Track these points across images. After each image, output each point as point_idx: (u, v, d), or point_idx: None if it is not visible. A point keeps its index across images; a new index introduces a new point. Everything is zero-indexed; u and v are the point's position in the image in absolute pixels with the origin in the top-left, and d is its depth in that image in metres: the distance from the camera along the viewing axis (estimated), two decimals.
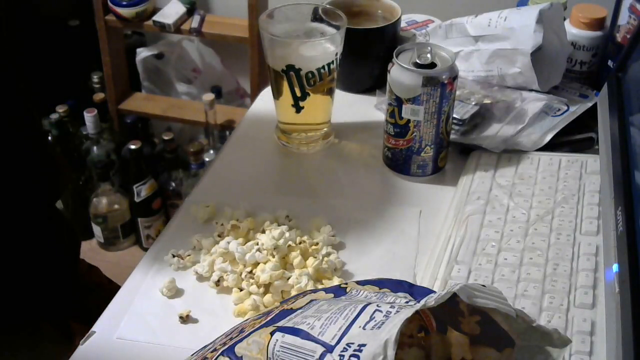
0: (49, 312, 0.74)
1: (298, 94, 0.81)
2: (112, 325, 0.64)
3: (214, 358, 0.47)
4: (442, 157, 0.80)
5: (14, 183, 0.65)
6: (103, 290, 0.88)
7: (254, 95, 1.87)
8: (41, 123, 1.67)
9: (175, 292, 0.68)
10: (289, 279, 0.65)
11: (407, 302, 0.46)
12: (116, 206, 1.85)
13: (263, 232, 0.71)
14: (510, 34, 0.83)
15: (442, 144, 0.79)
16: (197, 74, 2.03)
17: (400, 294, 0.49)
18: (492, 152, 0.81)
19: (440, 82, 0.73)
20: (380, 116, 0.87)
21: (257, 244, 0.67)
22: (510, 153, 0.81)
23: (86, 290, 0.83)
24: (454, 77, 0.75)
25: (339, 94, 0.91)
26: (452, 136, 0.81)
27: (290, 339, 0.43)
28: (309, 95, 0.81)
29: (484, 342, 0.48)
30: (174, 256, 0.70)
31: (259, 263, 0.67)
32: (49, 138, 1.79)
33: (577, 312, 0.61)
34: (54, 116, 1.76)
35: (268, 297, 0.65)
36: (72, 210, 1.92)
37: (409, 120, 0.76)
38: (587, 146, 0.83)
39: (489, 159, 0.81)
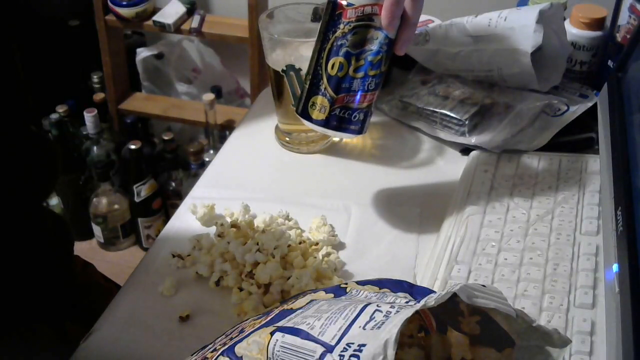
0: (44, 313, 0.73)
1: (298, 94, 0.81)
2: (112, 325, 0.64)
3: (214, 358, 0.47)
4: (314, 101, 0.65)
5: (6, 180, 0.64)
6: (99, 289, 0.87)
7: (254, 95, 1.87)
8: (40, 121, 1.67)
9: (175, 292, 0.68)
10: (289, 279, 0.65)
11: (407, 302, 0.46)
12: (116, 206, 1.86)
13: (263, 232, 0.70)
14: (510, 34, 0.83)
15: (319, 84, 0.65)
16: (197, 74, 2.04)
17: (400, 294, 0.49)
18: (492, 152, 0.81)
19: (331, 2, 0.64)
20: (380, 116, 0.87)
21: (257, 244, 0.67)
22: (510, 153, 0.81)
23: (82, 289, 0.82)
24: (350, 4, 0.62)
25: None
26: (452, 136, 0.81)
27: (290, 339, 0.43)
28: None
29: (484, 342, 0.48)
30: (174, 256, 0.70)
31: (259, 263, 0.67)
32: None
33: (577, 312, 0.61)
34: (54, 116, 1.76)
35: (268, 297, 0.65)
36: (72, 210, 1.92)
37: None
38: (587, 146, 0.82)
39: (489, 159, 0.81)
